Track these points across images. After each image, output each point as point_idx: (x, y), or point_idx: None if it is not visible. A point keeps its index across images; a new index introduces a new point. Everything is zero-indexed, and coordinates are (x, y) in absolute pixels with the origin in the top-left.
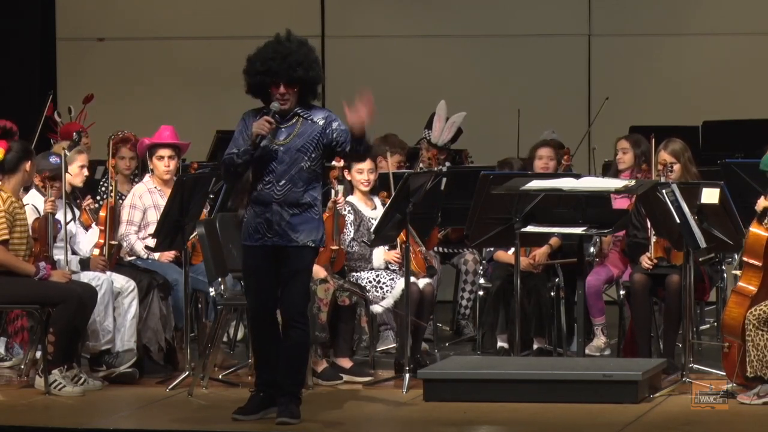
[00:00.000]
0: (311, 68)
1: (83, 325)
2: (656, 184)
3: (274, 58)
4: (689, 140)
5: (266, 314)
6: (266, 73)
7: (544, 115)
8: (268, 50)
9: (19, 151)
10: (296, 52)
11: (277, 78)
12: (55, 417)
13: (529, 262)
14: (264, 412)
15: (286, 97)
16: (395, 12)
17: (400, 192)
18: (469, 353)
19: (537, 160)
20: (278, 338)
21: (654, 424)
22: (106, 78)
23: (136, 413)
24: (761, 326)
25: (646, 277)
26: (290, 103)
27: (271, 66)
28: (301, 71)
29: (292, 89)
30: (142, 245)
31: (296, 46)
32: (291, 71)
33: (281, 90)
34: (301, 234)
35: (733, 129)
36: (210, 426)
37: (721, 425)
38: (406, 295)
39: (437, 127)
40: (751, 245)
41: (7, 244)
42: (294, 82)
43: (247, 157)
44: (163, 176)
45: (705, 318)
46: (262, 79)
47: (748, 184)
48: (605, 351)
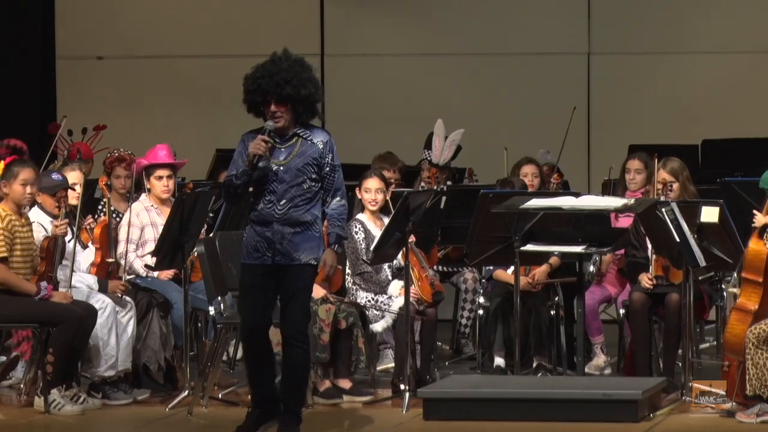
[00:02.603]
0: (303, 86)
1: (83, 346)
2: (656, 203)
3: (264, 77)
4: (688, 159)
5: (259, 332)
6: (256, 91)
7: (543, 134)
8: (260, 69)
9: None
10: (286, 71)
11: (267, 96)
12: None
13: (527, 281)
14: (263, 427)
15: (278, 115)
16: (394, 31)
17: (399, 211)
18: (468, 372)
19: (522, 177)
20: (271, 354)
21: None
22: (105, 96)
23: None
24: (761, 345)
25: (645, 296)
26: (284, 121)
27: (261, 84)
28: (290, 89)
29: (283, 107)
30: (142, 263)
31: (288, 65)
32: (279, 89)
33: (272, 108)
34: (302, 252)
35: (733, 147)
36: None
37: None
38: (405, 314)
39: (437, 147)
40: (751, 261)
41: (6, 261)
42: (284, 100)
43: (245, 178)
44: (161, 196)
45: (705, 337)
46: (254, 98)
47: (748, 202)
48: (605, 370)
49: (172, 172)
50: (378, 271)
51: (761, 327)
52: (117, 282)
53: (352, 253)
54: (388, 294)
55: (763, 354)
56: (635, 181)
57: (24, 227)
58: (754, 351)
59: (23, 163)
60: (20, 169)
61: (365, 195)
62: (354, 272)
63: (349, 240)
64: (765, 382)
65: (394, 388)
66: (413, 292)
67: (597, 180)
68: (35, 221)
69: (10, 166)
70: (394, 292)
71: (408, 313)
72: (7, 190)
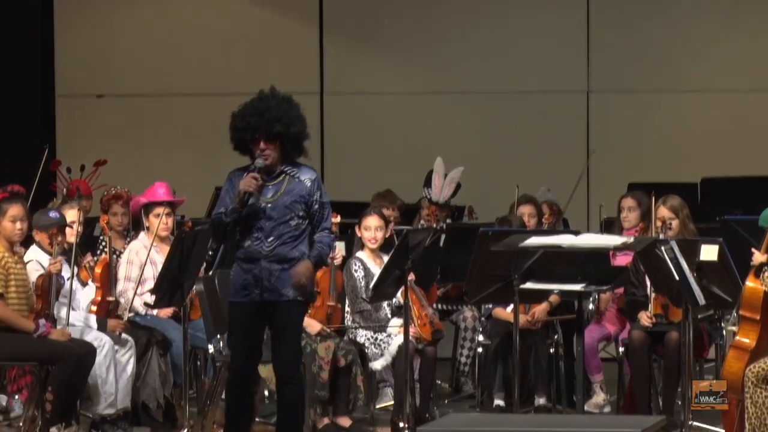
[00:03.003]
0: (292, 124)
1: (82, 383)
2: (655, 241)
3: (253, 114)
4: (688, 197)
5: (248, 373)
6: (245, 129)
7: (543, 171)
8: (248, 107)
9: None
10: (275, 108)
11: (256, 134)
12: None
13: (527, 319)
14: None
15: (267, 152)
16: (393, 69)
17: (399, 248)
18: (468, 410)
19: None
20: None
21: None
22: (104, 134)
23: None
24: (760, 384)
25: (644, 334)
26: (272, 158)
27: (250, 122)
28: (280, 126)
29: (272, 144)
30: (141, 301)
31: (276, 103)
32: (269, 126)
33: (261, 146)
34: (291, 289)
35: (732, 186)
36: None
37: None
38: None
39: (437, 185)
40: (748, 299)
41: (3, 298)
42: (273, 137)
43: (235, 215)
44: (161, 234)
45: (704, 375)
46: (242, 135)
47: (747, 241)
48: (604, 408)
49: (170, 210)
50: (377, 309)
51: (760, 366)
52: (116, 321)
53: (352, 291)
54: (388, 332)
55: (762, 393)
56: (628, 219)
57: (18, 264)
58: (753, 390)
59: (11, 199)
60: (8, 205)
61: (365, 233)
62: (353, 310)
63: (348, 278)
64: (765, 421)
65: (393, 426)
66: (412, 331)
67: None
68: (34, 259)
69: None
70: (394, 330)
71: (407, 352)
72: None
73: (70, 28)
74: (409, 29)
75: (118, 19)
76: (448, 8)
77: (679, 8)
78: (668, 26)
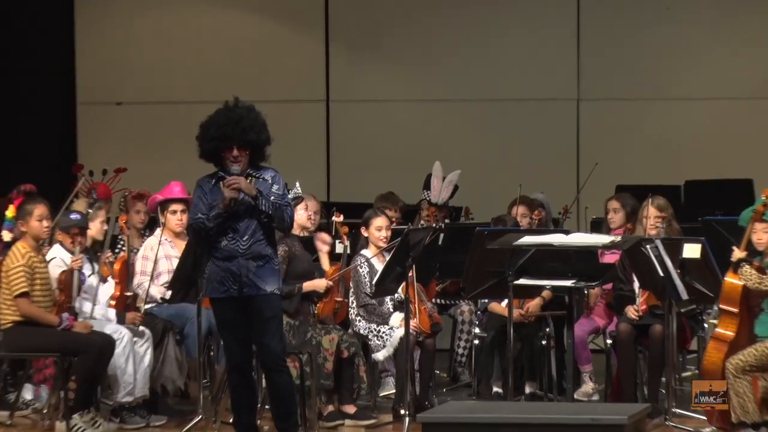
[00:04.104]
0: (261, 132)
1: (102, 373)
2: (641, 240)
3: (227, 124)
4: (672, 198)
5: (245, 366)
6: (221, 138)
7: (536, 175)
8: (220, 117)
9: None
10: (247, 117)
11: (231, 142)
12: None
13: (521, 313)
14: None
15: (239, 159)
16: (395, 78)
17: (400, 247)
18: (465, 398)
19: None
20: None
21: None
22: (123, 139)
23: None
24: (739, 374)
25: (631, 327)
26: (242, 164)
27: (226, 131)
28: (253, 135)
29: (244, 152)
30: (157, 290)
31: (246, 112)
32: (244, 135)
33: (234, 153)
34: (267, 283)
35: (713, 188)
36: None
37: None
38: (405, 344)
39: (435, 187)
40: (728, 293)
41: (28, 296)
42: (246, 145)
43: (219, 220)
44: (176, 229)
45: (686, 365)
46: (216, 144)
47: (728, 239)
48: (593, 396)
49: (185, 207)
50: (381, 303)
51: (739, 358)
52: (134, 314)
53: (357, 286)
54: (390, 325)
55: (743, 383)
56: (614, 220)
57: (42, 263)
58: (734, 380)
59: (35, 200)
60: (33, 206)
61: (375, 233)
62: (358, 304)
63: (354, 274)
64: (747, 409)
65: (395, 413)
66: (413, 324)
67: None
68: (57, 257)
69: (23, 205)
70: (395, 323)
71: (408, 343)
72: (24, 228)
73: (90, 40)
74: (410, 40)
75: (136, 31)
76: (447, 21)
77: (665, 21)
78: (654, 38)
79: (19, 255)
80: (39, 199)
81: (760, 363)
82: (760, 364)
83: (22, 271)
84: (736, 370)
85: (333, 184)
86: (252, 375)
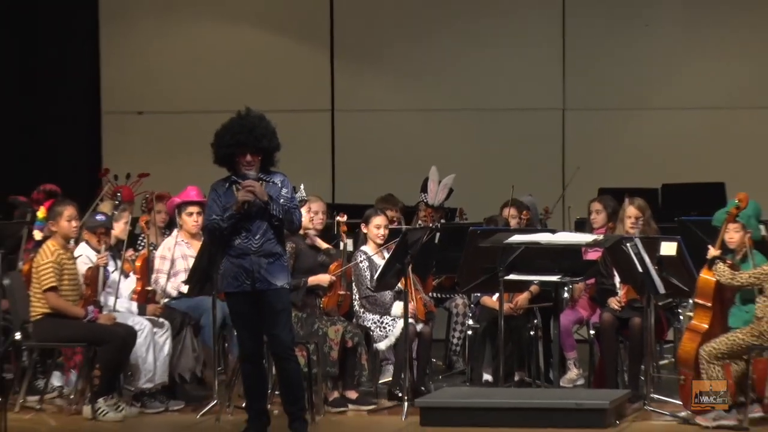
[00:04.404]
0: (272, 139)
1: (125, 361)
2: (621, 239)
3: (242, 132)
4: (650, 200)
5: (255, 352)
6: (236, 144)
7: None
8: (234, 125)
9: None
10: (259, 126)
11: (245, 148)
12: None
13: (510, 306)
14: None
15: (252, 164)
16: (395, 89)
17: (399, 245)
18: (459, 385)
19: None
20: (265, 368)
21: None
22: (144, 146)
23: None
24: (712, 361)
25: (613, 318)
26: (255, 169)
27: (240, 138)
28: (266, 142)
29: (256, 157)
30: (172, 286)
31: (258, 120)
32: (257, 142)
33: (248, 158)
34: (277, 278)
35: (689, 191)
36: None
37: None
38: (405, 334)
39: (432, 190)
40: (702, 288)
41: (56, 290)
42: (259, 151)
43: (233, 221)
44: (192, 230)
45: (664, 354)
46: (231, 150)
47: (702, 239)
48: (577, 382)
49: (201, 209)
50: (381, 294)
51: (711, 345)
52: (154, 306)
53: (357, 279)
54: (392, 314)
55: (715, 368)
56: (596, 220)
57: (70, 260)
58: (707, 366)
59: (64, 202)
60: (64, 207)
61: (374, 230)
62: (360, 296)
63: (354, 268)
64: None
65: (391, 396)
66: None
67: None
68: (84, 254)
69: (53, 207)
70: (397, 312)
71: (407, 334)
72: (55, 228)
73: (114, 54)
74: (408, 54)
75: (155, 47)
76: (444, 36)
77: (644, 38)
78: (633, 53)
79: (49, 252)
80: (68, 201)
81: (730, 351)
82: (731, 351)
83: (51, 267)
84: (710, 356)
85: (338, 187)
86: (263, 363)
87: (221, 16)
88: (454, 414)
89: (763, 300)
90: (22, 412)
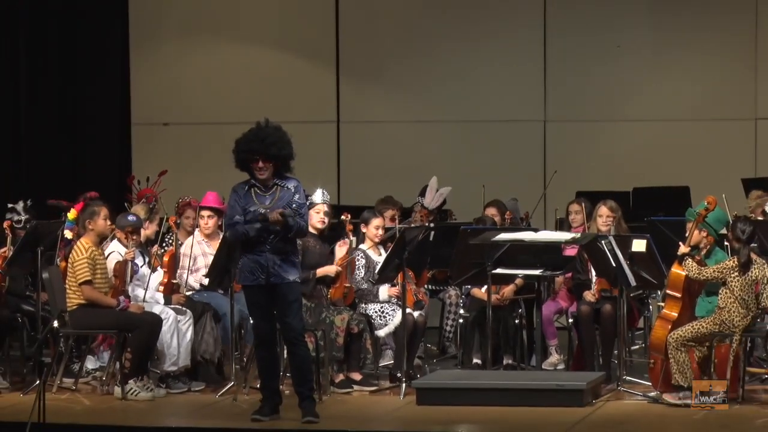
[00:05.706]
0: (284, 147)
1: (153, 346)
2: (596, 237)
3: (255, 140)
4: (622, 202)
5: (269, 338)
6: (249, 151)
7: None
8: (250, 134)
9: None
10: (272, 135)
11: (257, 155)
12: (130, 417)
13: (498, 297)
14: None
15: (264, 169)
16: (395, 103)
17: (397, 243)
18: (451, 368)
19: None
20: (277, 356)
21: (596, 424)
22: (170, 155)
23: (193, 414)
24: (679, 347)
25: (590, 308)
26: (267, 173)
27: (252, 146)
28: (275, 149)
29: (268, 163)
30: (193, 279)
31: (272, 131)
32: (267, 150)
33: (259, 164)
34: (289, 273)
35: (657, 194)
36: (250, 424)
37: (651, 425)
38: (402, 322)
39: (429, 196)
40: (673, 281)
41: (90, 283)
42: (269, 158)
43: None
44: (204, 231)
45: (635, 340)
46: (246, 156)
47: (669, 237)
48: (558, 366)
49: (212, 213)
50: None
51: (679, 332)
52: (178, 295)
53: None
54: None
55: (682, 353)
56: (575, 221)
57: (101, 255)
58: (675, 351)
59: (99, 202)
60: (100, 207)
61: (373, 230)
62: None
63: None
64: (685, 374)
65: (392, 379)
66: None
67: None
68: (115, 251)
69: (89, 206)
70: (383, 294)
71: (405, 322)
72: (92, 227)
73: (143, 71)
74: (407, 70)
75: (181, 62)
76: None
77: (616, 56)
78: (607, 70)
79: (83, 249)
80: (102, 202)
81: (695, 337)
82: (696, 338)
83: (85, 263)
84: (677, 342)
85: (342, 191)
86: (276, 348)
87: (239, 38)
88: (447, 394)
89: (725, 292)
90: (59, 392)
